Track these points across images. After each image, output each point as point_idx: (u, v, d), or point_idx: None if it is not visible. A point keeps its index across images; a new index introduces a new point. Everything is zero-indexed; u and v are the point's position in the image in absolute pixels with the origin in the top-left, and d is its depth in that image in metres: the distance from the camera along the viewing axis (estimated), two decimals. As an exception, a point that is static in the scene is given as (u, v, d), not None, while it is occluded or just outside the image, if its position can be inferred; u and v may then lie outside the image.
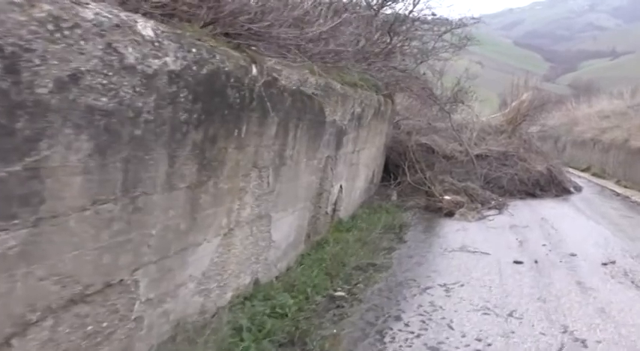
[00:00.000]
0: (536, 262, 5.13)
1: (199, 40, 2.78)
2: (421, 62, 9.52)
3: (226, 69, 3.04)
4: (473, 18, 9.44)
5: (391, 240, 6.08)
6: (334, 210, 6.56)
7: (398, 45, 7.76)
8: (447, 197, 8.12)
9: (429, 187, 8.49)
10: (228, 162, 3.32)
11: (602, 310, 3.94)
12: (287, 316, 3.54)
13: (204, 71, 2.81)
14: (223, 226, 3.46)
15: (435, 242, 6.07)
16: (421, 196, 8.67)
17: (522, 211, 8.35)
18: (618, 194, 10.88)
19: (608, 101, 18.20)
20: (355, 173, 7.24)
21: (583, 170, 14.99)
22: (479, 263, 5.06)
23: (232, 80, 3.13)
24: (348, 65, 5.89)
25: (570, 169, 13.86)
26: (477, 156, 9.97)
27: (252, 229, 4.02)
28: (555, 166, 10.50)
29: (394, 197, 8.85)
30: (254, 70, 3.41)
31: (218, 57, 2.95)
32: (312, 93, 4.65)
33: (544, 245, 5.94)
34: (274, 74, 3.71)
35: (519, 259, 5.17)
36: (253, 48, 3.63)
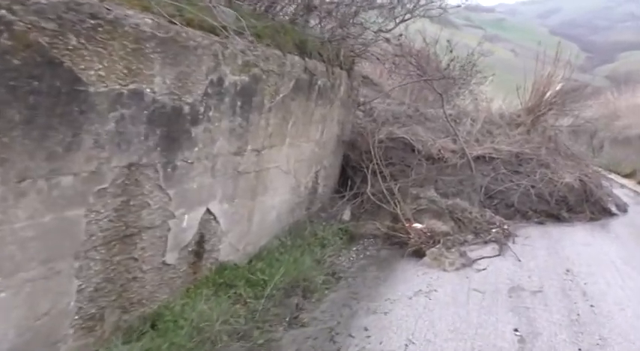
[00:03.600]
0: None
1: None
2: (402, 21, 6.50)
3: None
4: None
5: (272, 325, 3.23)
6: (200, 254, 3.78)
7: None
8: (416, 225, 5.20)
9: (395, 206, 5.57)
10: None
11: None
12: None
13: None
14: None
15: (354, 330, 3.19)
16: (385, 217, 5.76)
17: (537, 249, 5.36)
18: (681, 217, 7.69)
19: (660, 90, 14.77)
20: (257, 186, 4.40)
21: (626, 176, 11.74)
22: None
23: None
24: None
25: (608, 174, 10.65)
26: (478, 158, 6.98)
27: None
28: (592, 176, 7.40)
29: (346, 217, 5.97)
30: None
31: None
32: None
33: (567, 356, 3.00)
34: None
35: None
36: None
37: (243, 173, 4.09)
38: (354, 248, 5.11)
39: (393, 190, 5.80)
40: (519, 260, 4.89)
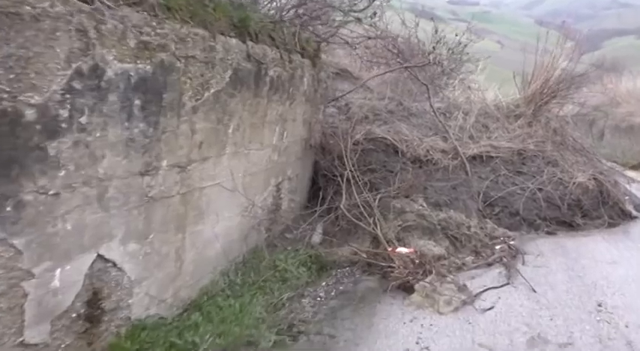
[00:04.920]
0: None
1: None
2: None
3: None
4: None
5: None
6: (96, 317, 2.71)
7: None
8: (401, 249, 4.12)
9: (374, 226, 4.49)
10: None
11: None
12: None
13: None
14: None
15: None
16: (365, 238, 4.69)
17: (553, 272, 4.29)
18: None
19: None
20: (186, 213, 3.31)
21: (633, 167, 10.72)
22: None
23: None
24: None
25: (612, 166, 9.60)
26: (473, 158, 5.92)
27: None
28: (607, 173, 6.35)
29: (317, 239, 4.88)
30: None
31: None
32: None
33: None
34: None
35: None
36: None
37: (160, 199, 2.98)
38: (324, 282, 4.02)
39: (372, 204, 4.72)
40: (534, 291, 3.81)
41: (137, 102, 2.60)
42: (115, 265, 2.72)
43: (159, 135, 2.83)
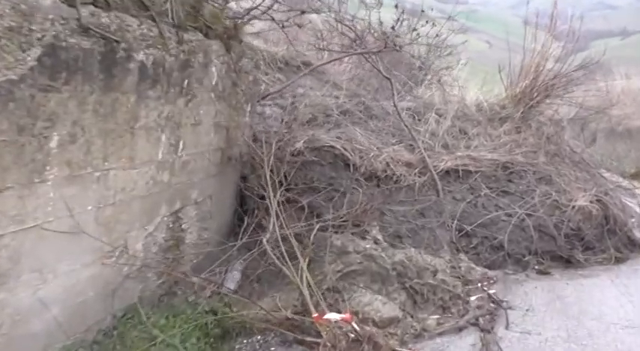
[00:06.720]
0: None
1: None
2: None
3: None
4: None
5: None
6: None
7: None
8: (331, 316, 2.84)
9: (300, 274, 3.22)
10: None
11: None
12: None
13: None
14: None
15: None
16: (294, 285, 3.41)
17: (548, 342, 3.05)
18: None
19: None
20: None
21: (631, 176, 9.53)
22: None
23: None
24: None
25: (607, 174, 8.39)
26: (447, 173, 4.67)
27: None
28: (612, 193, 5.13)
29: (231, 284, 3.61)
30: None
31: None
32: None
33: None
34: None
35: None
36: None
37: None
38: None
39: (302, 240, 3.45)
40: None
41: None
42: None
43: None
